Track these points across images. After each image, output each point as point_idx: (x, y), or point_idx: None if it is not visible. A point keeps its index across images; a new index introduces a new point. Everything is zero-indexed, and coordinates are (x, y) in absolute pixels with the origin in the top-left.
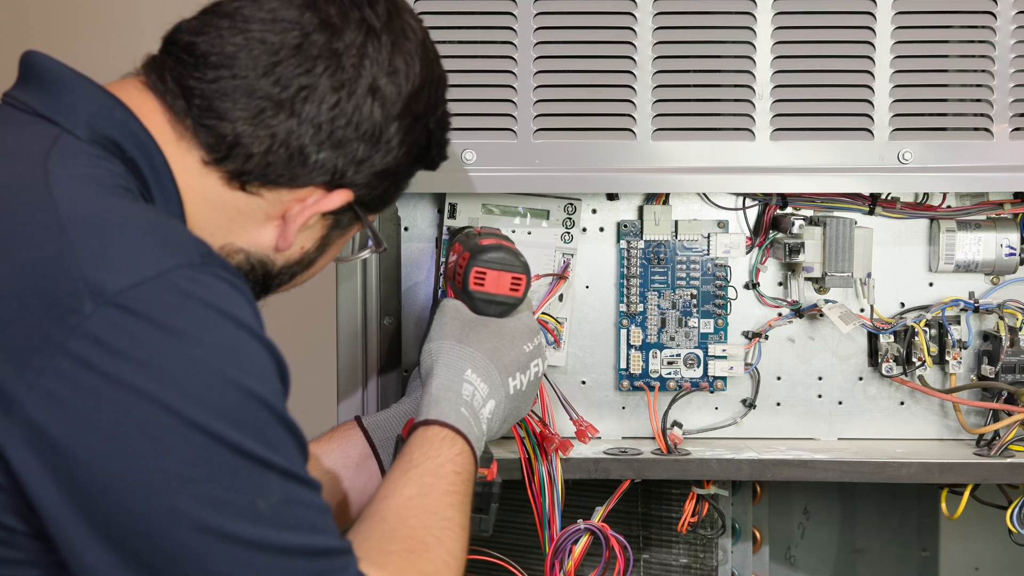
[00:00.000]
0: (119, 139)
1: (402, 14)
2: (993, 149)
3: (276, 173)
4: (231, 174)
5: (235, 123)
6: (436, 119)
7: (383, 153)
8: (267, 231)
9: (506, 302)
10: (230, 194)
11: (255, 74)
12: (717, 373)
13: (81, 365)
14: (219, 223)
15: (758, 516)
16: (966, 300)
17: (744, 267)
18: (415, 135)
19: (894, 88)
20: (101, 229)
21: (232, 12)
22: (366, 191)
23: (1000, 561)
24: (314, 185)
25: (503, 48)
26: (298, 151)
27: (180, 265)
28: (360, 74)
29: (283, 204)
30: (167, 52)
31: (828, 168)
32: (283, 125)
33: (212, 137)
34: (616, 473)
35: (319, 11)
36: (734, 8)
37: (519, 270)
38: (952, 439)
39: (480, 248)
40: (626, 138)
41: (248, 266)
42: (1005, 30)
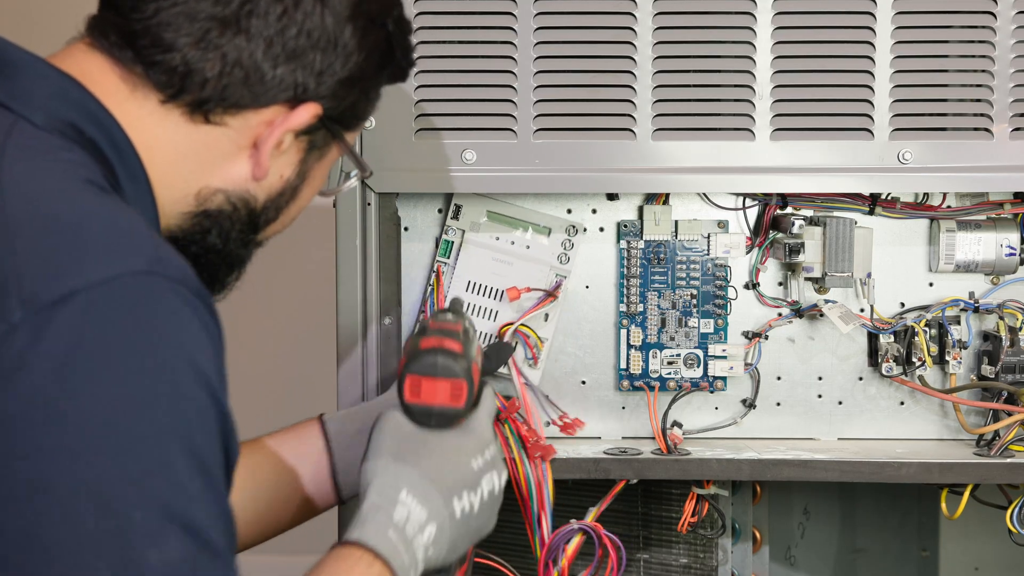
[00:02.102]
0: (77, 121)
1: None
2: (993, 149)
3: (235, 95)
4: (191, 106)
5: (183, 51)
6: (394, 19)
7: (342, 60)
8: (240, 163)
9: (446, 413)
10: (195, 130)
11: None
12: (717, 373)
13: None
14: (190, 167)
15: (758, 516)
16: (966, 300)
17: (744, 267)
18: (373, 38)
19: (894, 88)
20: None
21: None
22: (333, 103)
23: (1000, 561)
24: (278, 104)
25: (503, 48)
26: (253, 69)
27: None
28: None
29: (251, 130)
30: (104, 6)
31: (828, 168)
32: (232, 44)
33: (163, 73)
34: (616, 473)
35: None
36: (734, 8)
37: (458, 376)
38: (952, 439)
39: (416, 352)
40: (626, 138)
41: (230, 207)
42: (1005, 30)
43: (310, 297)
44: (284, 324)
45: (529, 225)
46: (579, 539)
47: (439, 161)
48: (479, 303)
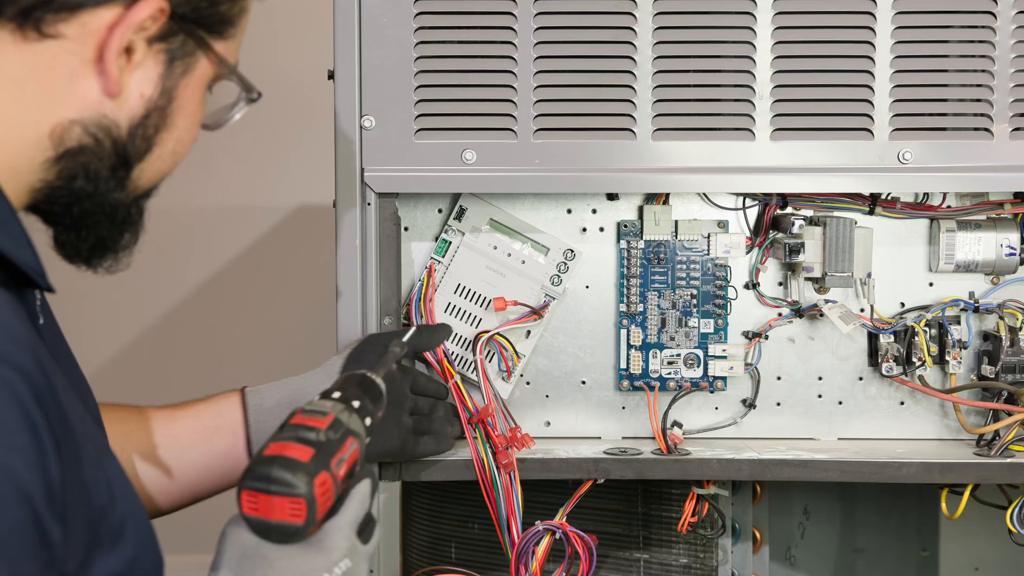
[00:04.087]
0: None
1: None
2: (993, 149)
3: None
4: (18, 18)
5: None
6: None
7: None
8: (89, 81)
9: (285, 529)
10: (30, 49)
11: None
12: (717, 373)
13: None
14: (36, 99)
15: (758, 516)
16: (966, 300)
17: (744, 267)
18: None
19: (894, 88)
20: None
21: None
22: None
23: (1000, 561)
24: (116, 1)
25: (503, 48)
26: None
27: None
28: None
29: (92, 37)
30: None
31: (828, 168)
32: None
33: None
34: (616, 473)
35: None
36: (734, 8)
37: (295, 493)
38: (952, 439)
39: (256, 460)
40: (626, 138)
41: (91, 139)
42: (1005, 30)
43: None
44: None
45: (529, 240)
46: (548, 540)
47: (439, 161)
48: (464, 307)
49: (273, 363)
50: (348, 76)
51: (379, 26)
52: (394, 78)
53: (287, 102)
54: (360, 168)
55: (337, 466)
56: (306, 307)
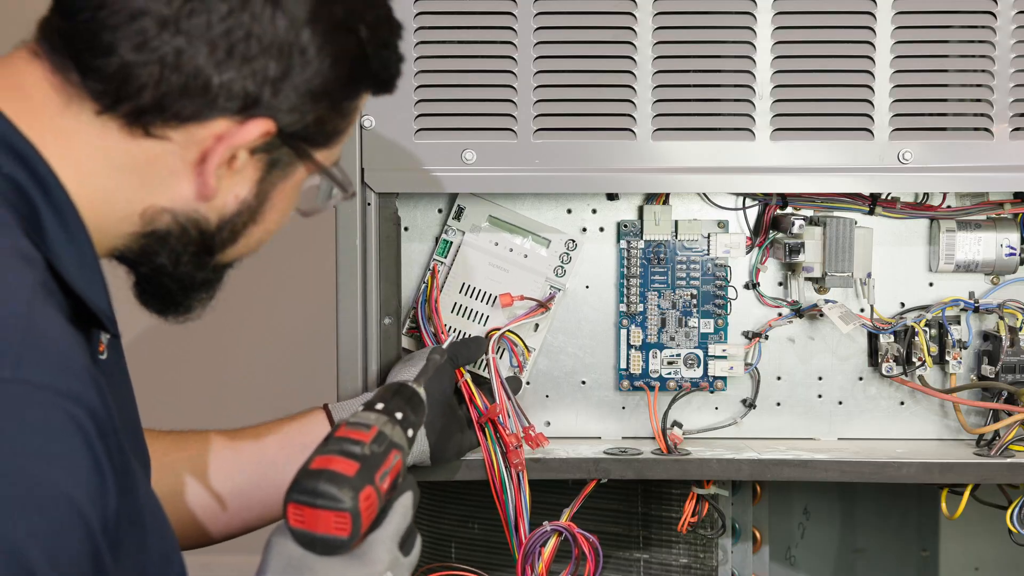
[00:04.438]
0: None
1: None
2: (993, 149)
3: (176, 105)
4: (129, 118)
5: (119, 52)
6: (368, 25)
7: (300, 69)
8: (186, 181)
9: (330, 542)
10: (136, 145)
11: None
12: (717, 373)
13: None
14: (133, 185)
15: (758, 516)
16: (966, 300)
17: (744, 267)
18: (340, 45)
19: (894, 88)
20: None
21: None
22: (293, 118)
23: (1000, 561)
24: (226, 116)
25: (503, 48)
26: (194, 75)
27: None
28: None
29: (197, 145)
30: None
31: (828, 168)
32: (170, 45)
33: (99, 80)
34: (616, 473)
35: None
36: (734, 8)
37: (341, 507)
38: (952, 439)
39: (302, 473)
40: (626, 138)
41: (179, 228)
42: (1005, 30)
43: (310, 297)
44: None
45: (529, 234)
46: (555, 541)
47: (439, 161)
48: (471, 306)
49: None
50: None
51: None
52: None
53: None
54: (360, 168)
55: (381, 479)
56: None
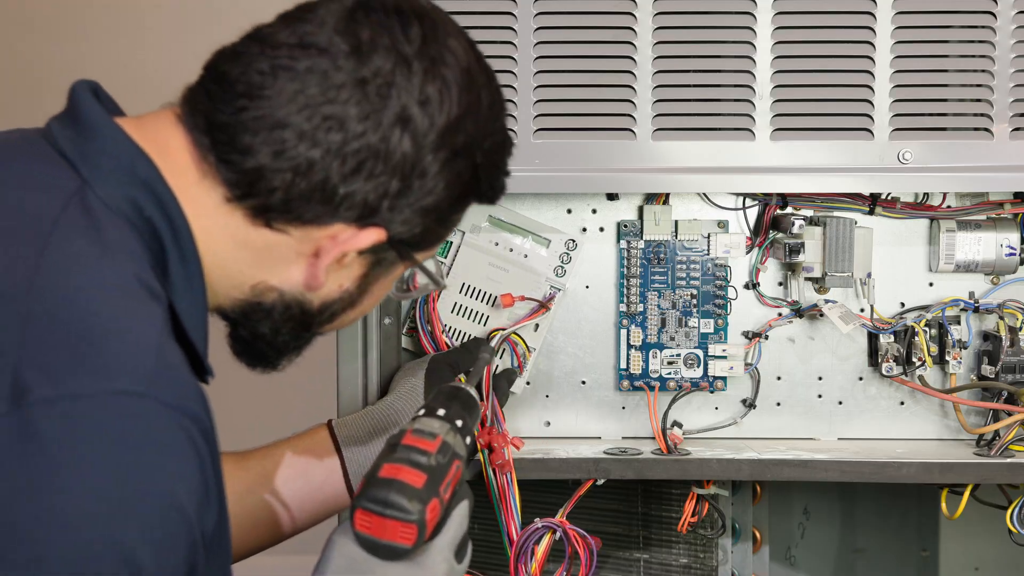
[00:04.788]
0: (139, 199)
1: (441, 38)
2: (993, 149)
3: (300, 209)
4: (255, 211)
5: (256, 156)
6: (484, 151)
7: (418, 188)
8: (298, 268)
9: (394, 549)
10: (256, 232)
11: (279, 103)
12: (717, 373)
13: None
14: (248, 261)
15: (758, 516)
16: (966, 300)
17: (744, 267)
18: (456, 169)
19: (894, 88)
20: (60, 330)
21: (265, 36)
22: (404, 229)
23: (1000, 561)
24: (344, 222)
25: (503, 48)
26: (321, 184)
27: (117, 391)
28: (387, 104)
29: (313, 241)
30: (201, 81)
31: (828, 168)
32: (305, 156)
33: (233, 173)
34: (616, 473)
35: (349, 36)
36: (734, 8)
37: (409, 519)
38: (952, 439)
39: (372, 481)
40: (626, 138)
41: (284, 306)
42: (1005, 30)
43: None
44: None
45: (529, 234)
46: (549, 538)
47: None
48: (471, 306)
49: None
50: None
51: None
52: None
53: None
54: None
55: (444, 490)
56: None
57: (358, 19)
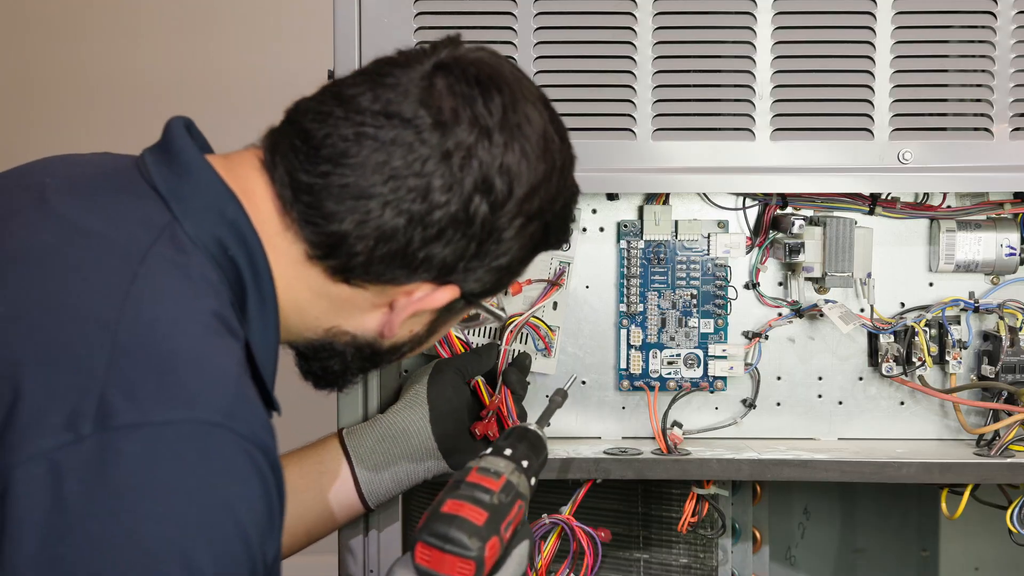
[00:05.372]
0: (225, 239)
1: (520, 107)
2: (993, 149)
3: (380, 271)
4: (334, 269)
5: (341, 223)
6: (555, 213)
7: (494, 251)
8: (374, 317)
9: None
10: (334, 286)
11: (364, 172)
12: (717, 373)
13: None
14: (324, 309)
15: (758, 516)
16: (966, 300)
17: (744, 267)
18: (530, 230)
19: (894, 88)
20: (145, 357)
21: (348, 99)
22: (477, 285)
23: (1000, 561)
24: (421, 281)
25: (503, 48)
26: (402, 250)
27: (196, 420)
28: (469, 174)
29: (389, 295)
30: (285, 132)
31: (828, 168)
32: (389, 224)
33: (316, 235)
34: (616, 473)
35: (432, 108)
36: (734, 8)
37: (468, 555)
38: (952, 439)
39: (435, 515)
40: (626, 138)
41: (355, 348)
42: (1005, 30)
43: None
44: None
45: None
46: (555, 536)
47: None
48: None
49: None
50: None
51: (379, 26)
52: None
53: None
54: None
55: (505, 529)
56: None
57: (440, 88)
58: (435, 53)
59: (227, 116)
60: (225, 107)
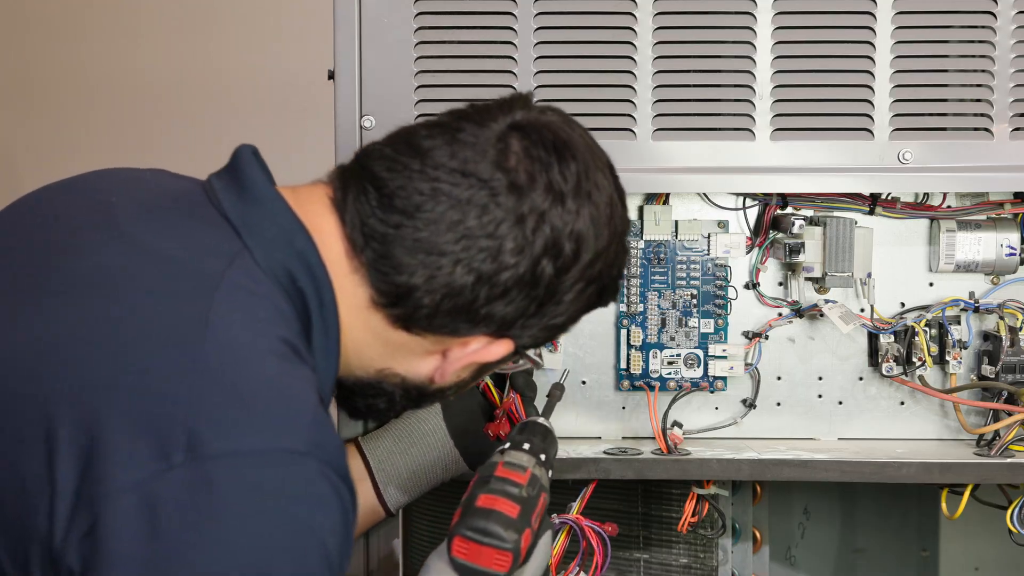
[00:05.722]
0: (294, 270)
1: (592, 173)
2: (993, 149)
3: (442, 323)
4: (396, 317)
5: (411, 276)
6: (612, 276)
7: (552, 311)
8: (427, 363)
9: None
10: (394, 332)
11: (438, 229)
12: (717, 373)
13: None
14: (380, 352)
15: (758, 516)
16: (966, 300)
17: (744, 267)
18: (588, 293)
19: (894, 88)
20: (230, 386)
21: (424, 151)
22: (530, 340)
23: (1000, 561)
24: (478, 335)
25: (503, 48)
26: (468, 305)
27: (284, 449)
28: (541, 238)
29: (445, 344)
30: (356, 174)
31: (828, 168)
32: (458, 282)
33: (384, 284)
34: (616, 473)
35: (509, 171)
36: (734, 8)
37: (505, 547)
38: (952, 439)
39: (470, 510)
40: (626, 138)
41: (403, 390)
42: (1005, 30)
43: None
44: None
45: None
46: (564, 535)
47: None
48: None
49: None
50: (348, 76)
51: (379, 26)
52: (394, 78)
53: (287, 102)
54: None
55: (534, 521)
56: None
57: (516, 150)
58: (510, 112)
59: (227, 116)
60: (225, 107)
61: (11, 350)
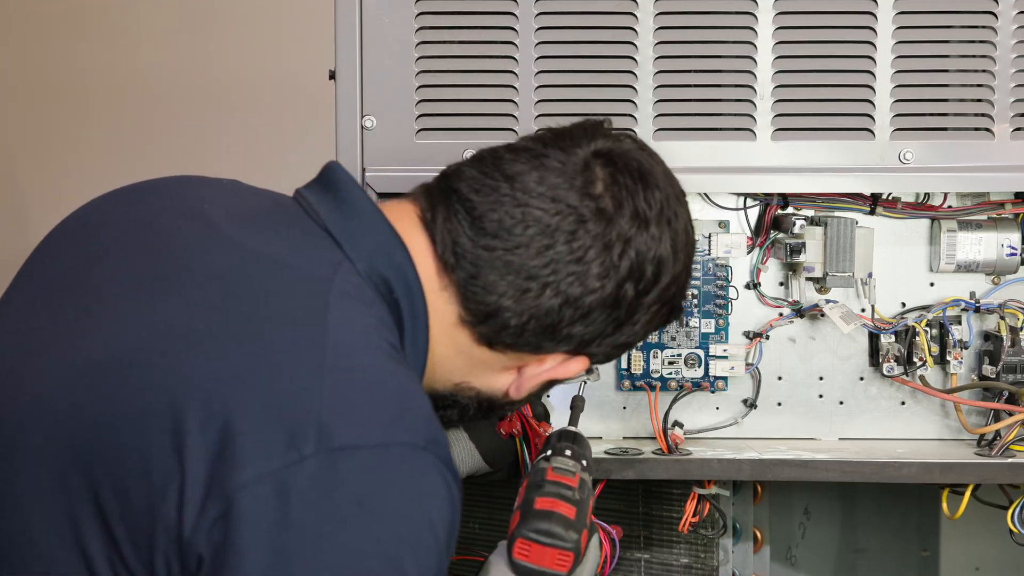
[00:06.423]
0: (392, 281)
1: (672, 202)
2: (994, 149)
3: (525, 342)
4: (482, 335)
5: (500, 297)
6: (683, 294)
7: (628, 330)
8: (503, 378)
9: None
10: (477, 349)
11: (528, 253)
12: (718, 373)
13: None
14: (461, 366)
15: (759, 516)
16: (967, 300)
17: (745, 267)
18: (661, 314)
19: (895, 88)
20: (354, 383)
21: (513, 176)
22: (602, 357)
23: (1000, 561)
24: (556, 352)
25: (503, 48)
26: (553, 326)
27: (405, 443)
28: (627, 263)
29: (523, 360)
30: (444, 194)
31: (829, 168)
32: (546, 304)
33: (474, 303)
34: (617, 473)
35: (597, 199)
36: (734, 8)
37: (567, 547)
38: (953, 439)
39: (530, 512)
40: None
41: (476, 403)
42: (1006, 30)
43: None
44: None
45: None
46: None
47: (440, 161)
48: None
49: None
50: (349, 76)
51: (380, 26)
52: (395, 78)
53: (288, 102)
54: (361, 168)
55: (588, 522)
56: None
57: (602, 178)
58: (592, 139)
59: (227, 116)
60: (225, 107)
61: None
